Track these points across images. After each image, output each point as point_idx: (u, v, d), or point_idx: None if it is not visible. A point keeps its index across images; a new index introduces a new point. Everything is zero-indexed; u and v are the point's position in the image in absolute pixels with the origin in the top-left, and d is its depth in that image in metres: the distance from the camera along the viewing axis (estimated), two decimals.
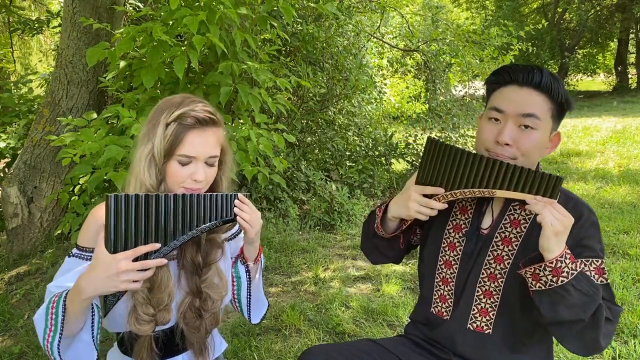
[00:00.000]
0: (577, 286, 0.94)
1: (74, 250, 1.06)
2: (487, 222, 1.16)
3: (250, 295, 1.28)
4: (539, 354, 1.15)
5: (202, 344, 1.18)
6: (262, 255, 1.28)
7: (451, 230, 1.20)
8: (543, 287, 0.96)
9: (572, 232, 0.97)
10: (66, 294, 0.97)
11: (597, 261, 1.04)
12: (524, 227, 1.10)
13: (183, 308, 1.12)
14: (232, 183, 1.20)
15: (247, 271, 1.25)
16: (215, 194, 1.06)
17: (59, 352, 0.98)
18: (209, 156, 1.05)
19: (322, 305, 2.56)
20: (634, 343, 2.08)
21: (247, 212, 1.09)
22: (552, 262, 0.94)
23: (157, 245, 0.96)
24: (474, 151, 1.06)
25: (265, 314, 1.35)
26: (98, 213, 1.04)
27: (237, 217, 1.08)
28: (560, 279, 0.94)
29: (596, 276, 1.03)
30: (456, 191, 1.05)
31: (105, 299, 0.97)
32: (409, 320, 1.35)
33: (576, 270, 0.95)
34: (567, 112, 1.10)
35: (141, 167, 1.02)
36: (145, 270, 0.94)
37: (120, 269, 0.91)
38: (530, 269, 0.97)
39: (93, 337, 1.01)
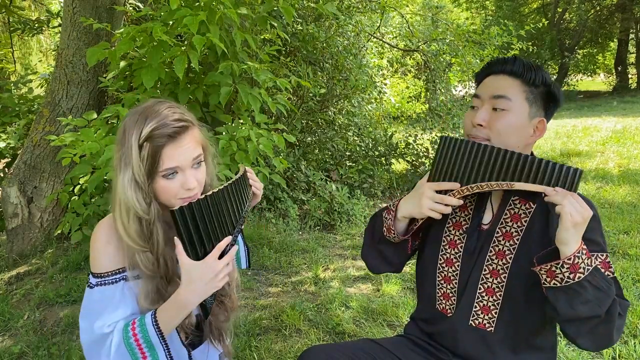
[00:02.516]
0: (592, 282, 0.94)
1: (93, 280, 1.02)
2: (487, 217, 1.16)
3: (247, 247, 1.41)
4: (542, 354, 1.14)
5: (222, 329, 1.22)
6: None
7: (451, 228, 1.20)
8: (559, 284, 0.95)
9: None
10: (153, 317, 0.98)
11: (602, 255, 1.04)
12: (525, 221, 1.10)
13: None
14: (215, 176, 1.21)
15: (240, 230, 1.34)
16: (239, 176, 1.16)
17: None
18: (193, 159, 1.02)
19: (322, 305, 2.56)
20: (634, 343, 2.08)
21: (256, 180, 1.26)
22: (570, 259, 0.93)
23: (230, 238, 1.03)
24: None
25: (250, 256, 1.49)
26: (105, 235, 1.03)
27: (252, 187, 1.24)
28: (577, 274, 0.93)
29: (602, 270, 1.02)
30: (472, 185, 1.04)
31: (205, 302, 1.01)
32: (409, 320, 1.34)
33: (591, 265, 0.94)
34: (556, 103, 1.13)
35: (127, 194, 0.98)
36: (228, 263, 1.00)
37: (217, 269, 0.97)
38: (546, 266, 0.96)
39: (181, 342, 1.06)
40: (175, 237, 0.97)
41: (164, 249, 1.04)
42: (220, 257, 0.99)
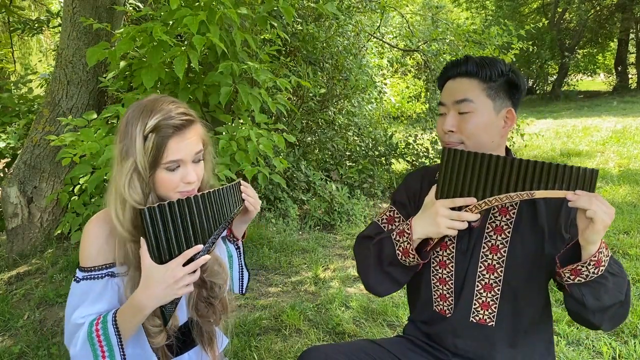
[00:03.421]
0: (611, 270, 0.96)
1: (80, 274, 1.02)
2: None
3: (242, 270, 1.36)
4: (541, 344, 1.16)
5: (211, 334, 1.20)
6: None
7: None
8: (584, 280, 0.96)
9: (565, 213, 1.02)
10: (114, 317, 0.97)
11: None
12: (513, 213, 1.11)
13: (193, 301, 1.14)
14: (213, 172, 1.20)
15: (237, 248, 1.31)
16: (229, 185, 1.11)
17: None
18: (195, 153, 1.03)
19: (322, 305, 2.56)
20: (634, 343, 2.08)
21: (252, 196, 1.19)
22: (595, 256, 0.94)
23: (200, 247, 0.98)
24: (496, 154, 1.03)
25: (249, 282, 1.43)
26: (95, 229, 1.03)
27: (245, 201, 1.17)
28: (600, 268, 0.95)
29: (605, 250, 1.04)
30: (490, 198, 1.00)
31: (163, 309, 0.98)
32: (408, 321, 1.34)
33: (608, 255, 0.96)
34: (519, 88, 1.12)
35: (126, 184, 0.98)
36: (194, 271, 0.96)
37: (178, 276, 0.93)
38: (572, 265, 0.96)
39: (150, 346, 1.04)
40: (142, 237, 0.95)
41: None
42: (187, 265, 0.96)
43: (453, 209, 1.03)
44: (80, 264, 1.03)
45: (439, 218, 1.02)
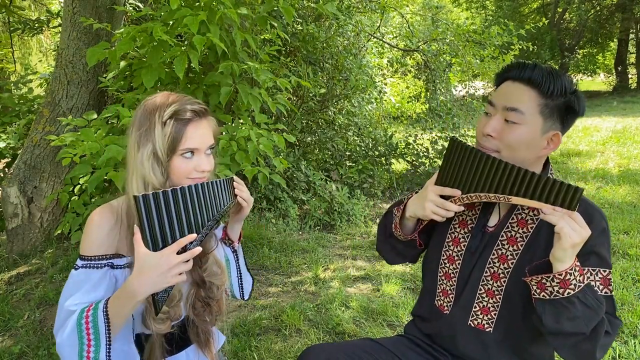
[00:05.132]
0: (582, 299, 0.93)
1: (80, 262, 1.03)
2: (493, 220, 1.16)
3: (240, 274, 1.35)
4: (540, 358, 1.14)
5: (207, 334, 1.21)
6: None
7: (457, 226, 1.20)
8: (548, 297, 0.95)
9: (588, 243, 0.95)
10: (105, 305, 0.97)
11: (605, 271, 1.02)
12: (531, 228, 1.09)
13: (191, 300, 1.15)
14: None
15: (234, 251, 1.32)
16: (222, 179, 1.12)
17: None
18: (209, 146, 1.08)
19: (322, 305, 2.56)
20: (634, 343, 2.08)
21: (245, 192, 1.20)
22: (561, 274, 0.92)
23: (194, 236, 0.99)
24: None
25: (252, 289, 1.42)
26: (98, 218, 1.03)
27: (238, 196, 1.18)
28: (567, 290, 0.93)
29: (601, 287, 1.01)
30: (472, 194, 1.04)
31: (155, 297, 0.97)
32: (410, 318, 1.35)
33: (583, 282, 0.93)
34: (577, 113, 1.05)
35: (147, 169, 1.01)
36: (188, 261, 0.97)
37: (171, 263, 0.93)
38: (537, 277, 0.96)
39: (133, 339, 1.03)
40: (135, 225, 0.96)
41: None
42: (181, 253, 0.97)
43: (443, 197, 1.08)
44: (80, 252, 1.04)
45: (427, 202, 1.10)
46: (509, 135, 1.04)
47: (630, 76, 17.84)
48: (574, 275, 0.92)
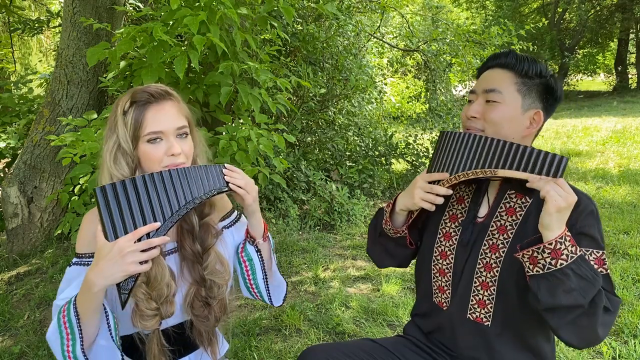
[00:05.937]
0: (576, 270, 0.92)
1: (74, 259, 1.04)
2: (483, 211, 1.17)
3: (266, 276, 1.24)
4: (541, 352, 1.14)
5: (211, 334, 1.17)
6: (268, 232, 1.24)
7: (447, 220, 1.21)
8: (541, 271, 0.94)
9: (570, 217, 0.96)
10: (74, 298, 0.96)
11: (598, 252, 1.01)
12: (520, 215, 1.10)
13: (189, 299, 1.12)
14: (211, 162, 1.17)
15: (258, 250, 1.21)
16: (200, 165, 1.04)
17: (85, 357, 0.97)
18: (176, 127, 1.04)
19: (322, 305, 2.56)
20: (634, 343, 2.08)
21: (239, 178, 1.07)
22: (551, 243, 0.92)
23: (157, 225, 0.94)
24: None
25: (286, 294, 1.32)
26: (91, 217, 1.04)
27: (230, 184, 1.06)
28: (560, 261, 0.92)
29: (596, 266, 1.00)
30: (459, 174, 1.06)
31: (119, 288, 0.94)
32: (410, 319, 1.35)
33: (576, 253, 0.93)
34: (553, 95, 1.12)
35: (109, 160, 1.02)
36: (151, 249, 0.93)
37: (124, 250, 0.90)
38: (528, 251, 0.96)
39: (113, 339, 1.00)
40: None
41: None
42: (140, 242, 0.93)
43: (432, 184, 1.10)
44: (76, 250, 1.05)
45: (415, 190, 1.11)
46: (491, 113, 1.10)
47: (630, 76, 17.84)
48: (565, 245, 0.93)
